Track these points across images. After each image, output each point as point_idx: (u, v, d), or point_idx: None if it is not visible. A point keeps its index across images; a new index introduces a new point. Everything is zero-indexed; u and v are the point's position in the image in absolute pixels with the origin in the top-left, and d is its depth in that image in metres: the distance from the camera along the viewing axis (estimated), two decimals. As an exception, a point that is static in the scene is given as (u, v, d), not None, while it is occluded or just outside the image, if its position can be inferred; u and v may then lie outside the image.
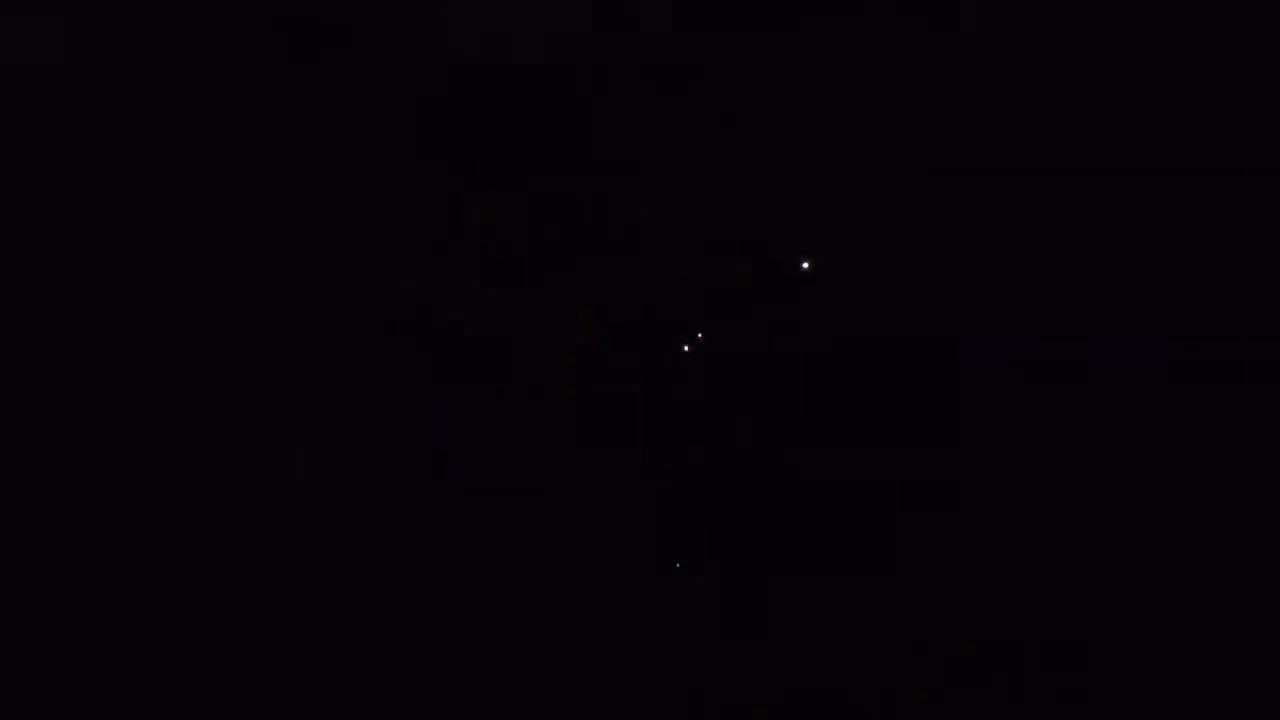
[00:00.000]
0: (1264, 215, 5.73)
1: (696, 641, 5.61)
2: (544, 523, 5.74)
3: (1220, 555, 5.54)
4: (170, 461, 5.81)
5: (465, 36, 6.05)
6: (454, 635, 5.67)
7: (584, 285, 5.87)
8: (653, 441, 5.76)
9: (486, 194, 5.92)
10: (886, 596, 5.60)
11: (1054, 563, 5.58)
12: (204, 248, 5.95)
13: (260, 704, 5.56)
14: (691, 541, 5.71)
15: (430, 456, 5.81)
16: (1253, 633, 5.46)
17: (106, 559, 5.68)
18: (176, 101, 6.05)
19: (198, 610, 5.65)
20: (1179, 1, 5.77)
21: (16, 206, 5.99)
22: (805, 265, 5.76)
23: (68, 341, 5.89)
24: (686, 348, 5.80)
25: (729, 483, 5.73)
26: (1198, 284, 5.72)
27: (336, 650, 5.66)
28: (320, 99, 6.05)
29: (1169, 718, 5.42)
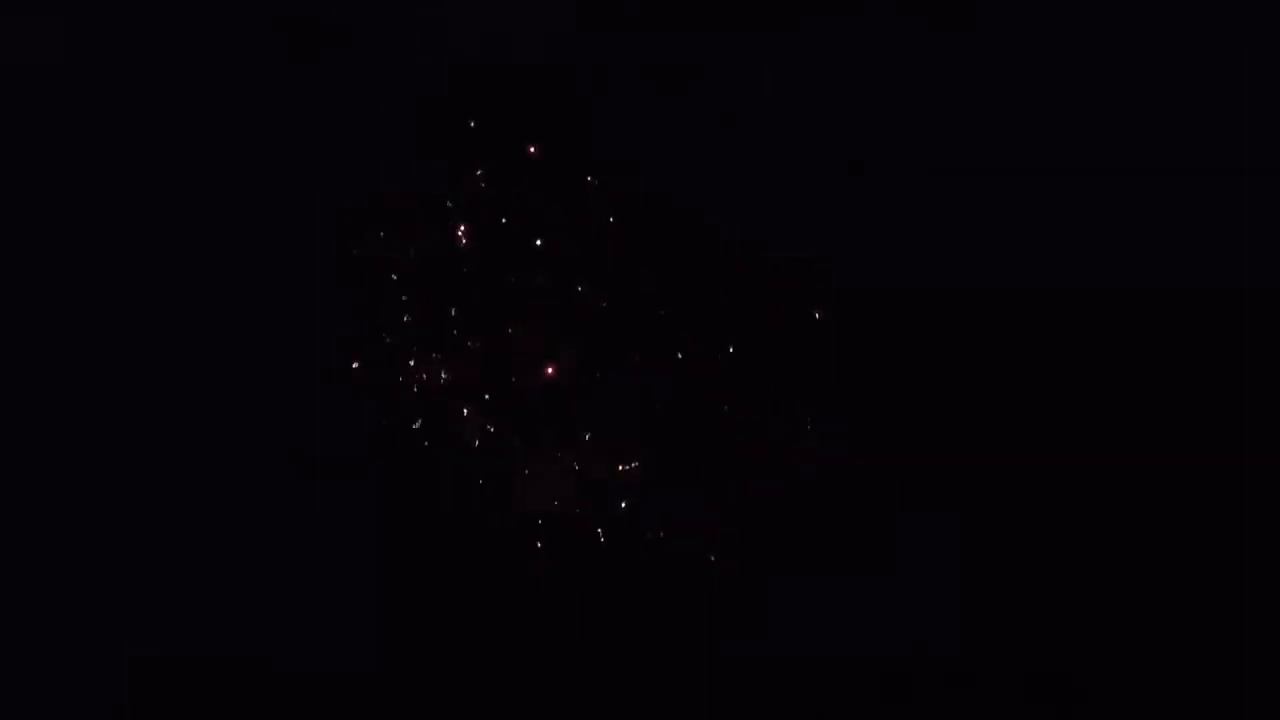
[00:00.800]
0: (1264, 215, 5.75)
1: (696, 641, 5.62)
2: (541, 522, 5.75)
3: (1220, 555, 5.54)
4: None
5: (465, 36, 6.06)
6: (450, 634, 5.68)
7: (582, 283, 5.88)
8: (655, 442, 5.77)
9: (485, 193, 5.94)
10: (887, 596, 5.60)
11: (1053, 561, 5.59)
12: (204, 246, 5.96)
13: None
14: (693, 541, 5.72)
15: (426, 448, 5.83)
16: (1252, 635, 5.47)
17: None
18: (176, 101, 6.06)
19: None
20: (1179, 1, 5.79)
21: (16, 206, 6.00)
22: (805, 265, 5.77)
23: (67, 338, 5.90)
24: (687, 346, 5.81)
25: (727, 482, 5.73)
26: (1197, 283, 5.73)
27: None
28: (320, 99, 6.06)
29: (1168, 718, 5.42)
